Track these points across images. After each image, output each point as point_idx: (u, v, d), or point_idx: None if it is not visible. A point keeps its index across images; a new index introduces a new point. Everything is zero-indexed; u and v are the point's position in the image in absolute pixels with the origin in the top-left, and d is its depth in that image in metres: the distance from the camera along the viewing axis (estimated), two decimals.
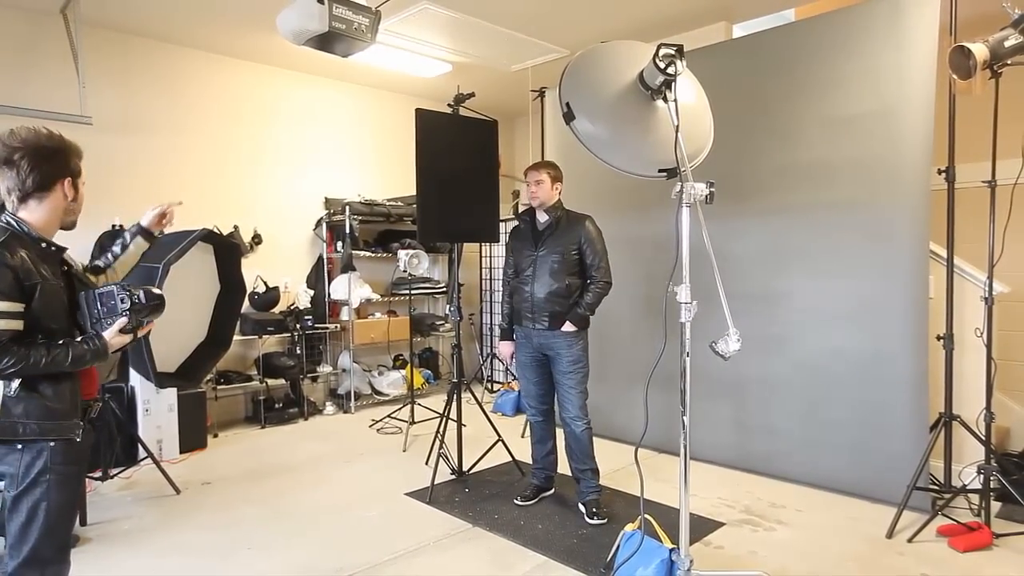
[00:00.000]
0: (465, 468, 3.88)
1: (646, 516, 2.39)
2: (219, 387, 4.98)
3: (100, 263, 2.05)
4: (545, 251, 3.27)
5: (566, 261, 3.24)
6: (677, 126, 2.14)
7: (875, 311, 3.42)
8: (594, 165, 2.30)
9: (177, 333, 4.16)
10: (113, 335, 1.79)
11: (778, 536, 3.07)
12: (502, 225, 4.03)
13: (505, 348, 3.53)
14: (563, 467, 3.56)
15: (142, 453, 3.91)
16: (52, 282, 1.72)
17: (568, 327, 3.21)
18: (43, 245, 1.75)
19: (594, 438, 3.30)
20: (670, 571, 2.27)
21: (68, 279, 1.82)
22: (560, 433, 3.47)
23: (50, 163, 1.74)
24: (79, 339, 1.75)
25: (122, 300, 1.79)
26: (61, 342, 1.71)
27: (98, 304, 1.80)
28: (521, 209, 6.02)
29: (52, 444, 1.69)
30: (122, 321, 1.79)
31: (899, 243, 3.34)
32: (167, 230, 2.19)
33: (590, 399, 3.30)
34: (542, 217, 3.35)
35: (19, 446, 1.67)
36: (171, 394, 4.29)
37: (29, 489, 1.68)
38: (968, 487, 3.12)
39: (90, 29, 4.43)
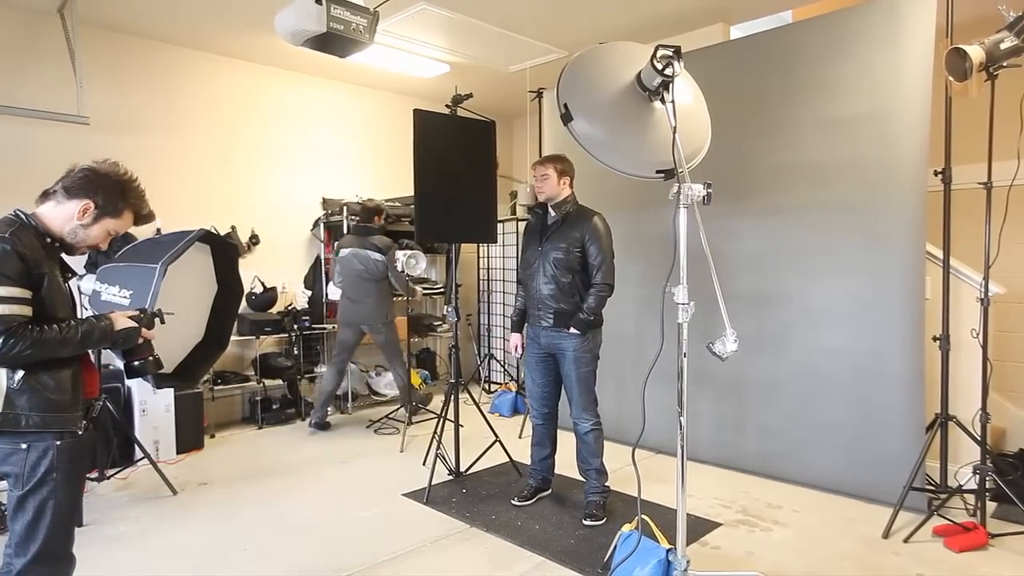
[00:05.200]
0: (462, 469, 3.88)
1: (643, 516, 2.39)
2: (216, 388, 4.97)
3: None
4: (549, 246, 3.23)
5: (568, 258, 3.18)
6: (675, 127, 2.15)
7: (871, 312, 3.43)
8: (592, 165, 2.30)
9: (174, 333, 4.13)
10: (119, 316, 1.81)
11: (775, 536, 3.07)
12: (500, 226, 4.03)
13: (513, 339, 3.51)
14: (561, 468, 3.56)
15: (139, 454, 3.91)
16: (58, 276, 1.76)
17: (572, 331, 3.18)
18: (48, 240, 1.79)
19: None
20: (667, 571, 2.27)
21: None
22: (562, 439, 3.48)
23: (88, 183, 1.79)
24: (87, 317, 1.78)
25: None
26: (70, 321, 1.74)
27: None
28: (522, 205, 6.05)
29: (58, 443, 1.72)
30: (132, 312, 1.84)
31: (895, 244, 3.35)
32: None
33: None
34: (552, 212, 3.30)
35: (24, 445, 1.69)
36: (168, 395, 4.29)
37: (36, 488, 1.70)
38: (964, 487, 3.13)
39: (87, 29, 4.42)
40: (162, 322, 1.92)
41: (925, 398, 3.26)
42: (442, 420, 3.81)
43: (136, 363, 1.91)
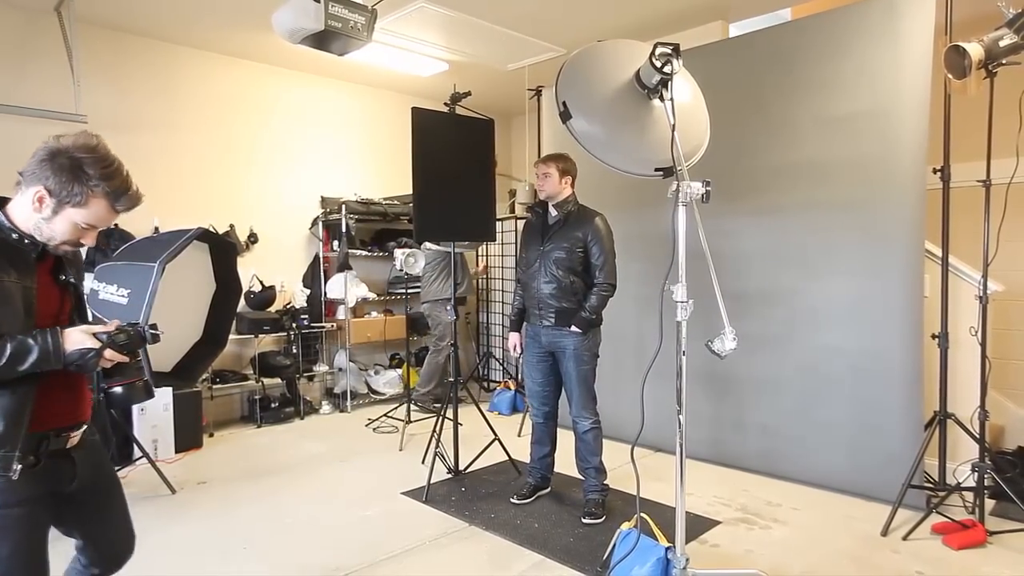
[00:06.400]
0: (461, 467, 3.88)
1: (642, 515, 2.39)
2: (215, 386, 4.97)
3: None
4: (552, 246, 3.23)
5: (571, 258, 3.19)
6: (673, 125, 2.14)
7: (870, 310, 3.43)
8: (592, 163, 2.30)
9: (172, 332, 4.13)
10: (78, 331, 1.44)
11: (774, 534, 3.08)
12: (499, 224, 4.03)
13: (512, 338, 3.52)
14: (560, 466, 3.56)
15: (137, 453, 3.90)
16: (7, 282, 1.43)
17: (573, 330, 3.18)
18: (14, 236, 1.47)
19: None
20: (666, 570, 2.27)
21: (62, 286, 1.61)
22: (561, 438, 3.48)
23: (40, 165, 1.45)
24: (27, 334, 1.41)
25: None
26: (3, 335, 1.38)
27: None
28: (521, 203, 6.04)
29: None
30: (98, 328, 1.46)
31: (894, 242, 3.35)
32: None
33: None
34: (553, 211, 3.31)
35: None
36: (166, 393, 4.28)
37: None
38: (962, 485, 3.13)
39: (84, 27, 4.41)
40: (156, 340, 1.54)
41: (924, 396, 3.26)
42: (441, 418, 3.81)
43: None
